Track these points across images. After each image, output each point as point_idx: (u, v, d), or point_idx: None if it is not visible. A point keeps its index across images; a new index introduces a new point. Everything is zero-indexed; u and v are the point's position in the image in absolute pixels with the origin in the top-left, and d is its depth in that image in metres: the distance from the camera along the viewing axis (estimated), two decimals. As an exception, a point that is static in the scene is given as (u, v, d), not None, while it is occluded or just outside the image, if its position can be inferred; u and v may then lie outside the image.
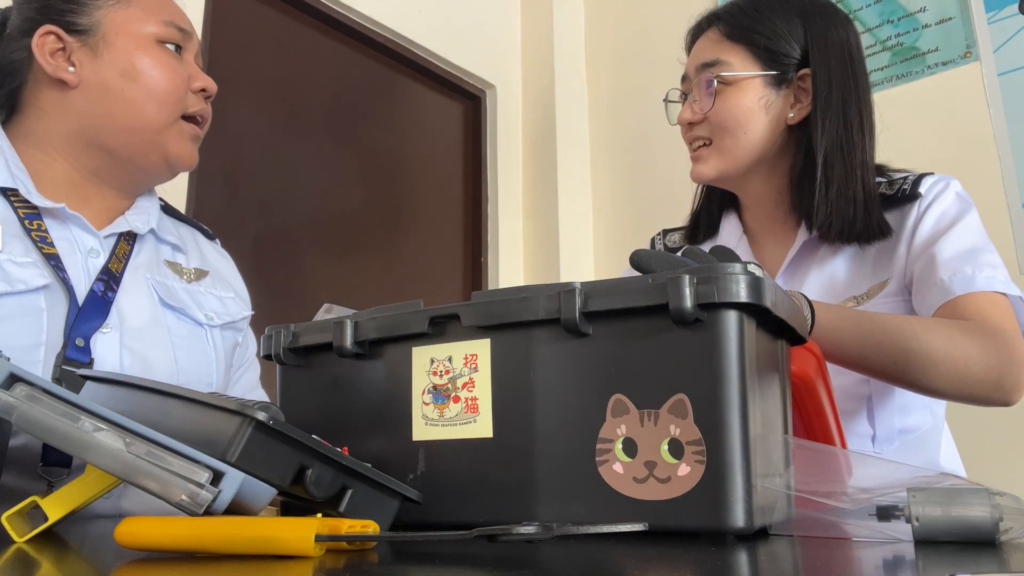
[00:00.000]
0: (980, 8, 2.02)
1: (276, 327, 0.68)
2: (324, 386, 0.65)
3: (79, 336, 0.81)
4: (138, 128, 0.90)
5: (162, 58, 0.91)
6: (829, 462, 0.53)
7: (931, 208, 0.97)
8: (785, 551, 0.45)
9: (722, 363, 0.48)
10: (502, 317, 0.55)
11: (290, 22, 2.12)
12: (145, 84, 0.90)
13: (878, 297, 0.97)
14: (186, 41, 0.95)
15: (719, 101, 0.98)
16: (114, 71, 0.89)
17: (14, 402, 0.48)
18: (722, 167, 1.01)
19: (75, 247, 0.87)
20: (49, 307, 0.81)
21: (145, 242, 0.95)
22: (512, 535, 0.40)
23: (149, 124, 0.91)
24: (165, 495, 0.44)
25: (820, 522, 0.48)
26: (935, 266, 0.93)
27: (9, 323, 0.77)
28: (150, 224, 0.95)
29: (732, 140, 0.99)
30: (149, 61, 0.90)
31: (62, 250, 0.85)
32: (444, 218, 2.43)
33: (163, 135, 0.92)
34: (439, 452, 0.57)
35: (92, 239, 0.89)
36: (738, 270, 0.48)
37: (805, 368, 0.62)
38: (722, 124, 0.99)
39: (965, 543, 0.44)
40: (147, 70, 0.90)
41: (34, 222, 0.84)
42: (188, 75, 0.94)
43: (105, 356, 0.83)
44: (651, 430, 0.49)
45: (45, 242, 0.84)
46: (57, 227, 0.87)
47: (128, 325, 0.86)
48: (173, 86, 0.91)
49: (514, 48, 2.72)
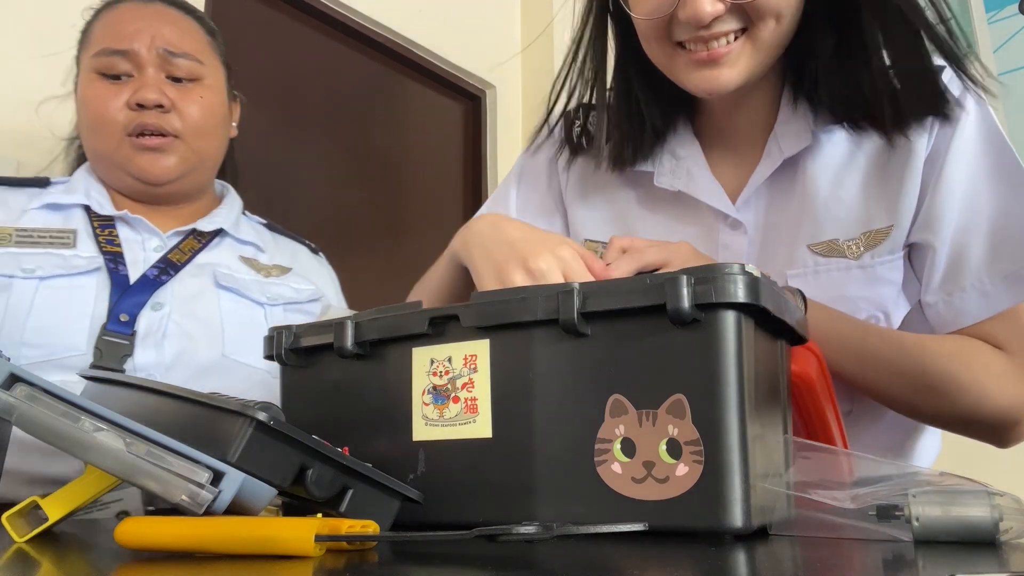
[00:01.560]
0: (980, 8, 2.02)
1: (277, 327, 0.68)
2: (325, 386, 0.65)
3: (123, 312, 0.94)
4: (99, 155, 1.04)
5: (94, 90, 1.02)
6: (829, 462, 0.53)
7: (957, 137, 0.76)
8: (784, 551, 0.45)
9: (720, 363, 0.48)
10: (501, 318, 0.55)
11: (290, 22, 2.12)
12: (85, 117, 1.03)
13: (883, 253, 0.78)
14: (129, 60, 1.02)
15: None
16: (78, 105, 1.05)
17: (14, 402, 0.48)
18: (754, 68, 0.74)
19: (141, 244, 1.02)
20: (98, 288, 0.95)
21: (223, 242, 1.09)
22: (512, 535, 0.40)
23: (100, 152, 1.04)
24: (165, 495, 0.44)
25: (820, 522, 0.48)
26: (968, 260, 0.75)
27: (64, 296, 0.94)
28: (219, 225, 1.09)
29: (776, 28, 0.72)
30: (84, 95, 1.03)
31: (128, 247, 1.01)
32: (444, 218, 2.43)
33: (117, 159, 1.02)
34: (439, 452, 0.57)
35: (156, 238, 1.04)
36: (736, 270, 0.49)
37: (805, 368, 0.62)
38: (765, 9, 0.71)
39: (965, 543, 0.44)
40: (84, 104, 1.03)
41: (105, 229, 1.01)
42: (127, 97, 1.01)
43: (150, 328, 0.95)
44: (649, 430, 0.49)
45: (112, 243, 1.00)
46: (127, 230, 1.03)
47: (179, 302, 0.98)
48: (102, 115, 1.01)
49: (514, 48, 2.72)
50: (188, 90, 1.05)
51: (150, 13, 1.06)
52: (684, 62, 0.75)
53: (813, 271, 0.80)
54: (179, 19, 1.08)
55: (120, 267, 0.98)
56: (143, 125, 1.00)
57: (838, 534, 0.48)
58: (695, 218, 0.86)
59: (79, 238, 0.99)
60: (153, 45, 1.02)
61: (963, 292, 0.77)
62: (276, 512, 0.59)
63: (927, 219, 0.78)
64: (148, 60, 1.02)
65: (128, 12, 1.06)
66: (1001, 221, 0.75)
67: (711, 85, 0.74)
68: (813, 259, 0.80)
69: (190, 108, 1.04)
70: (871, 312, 0.80)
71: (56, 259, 0.96)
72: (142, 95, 1.00)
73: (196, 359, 0.97)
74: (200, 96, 1.05)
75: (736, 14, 0.71)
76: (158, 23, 1.05)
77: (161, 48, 1.03)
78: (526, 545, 0.45)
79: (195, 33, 1.09)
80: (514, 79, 2.69)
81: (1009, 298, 0.75)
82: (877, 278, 0.79)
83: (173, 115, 1.02)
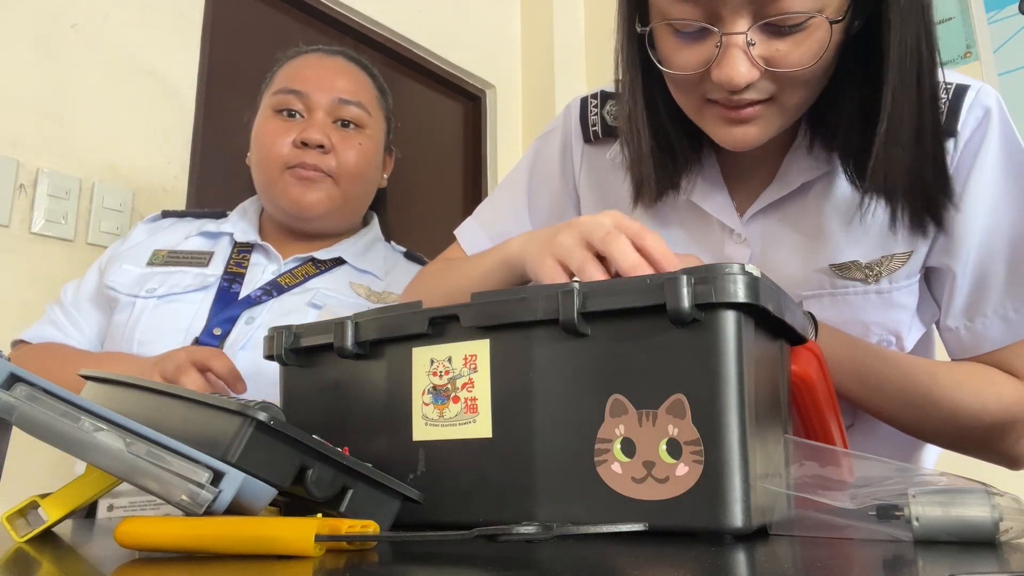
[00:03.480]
0: (980, 8, 2.02)
1: (277, 327, 0.68)
2: (325, 386, 0.65)
3: (216, 326, 1.05)
4: (261, 185, 1.17)
5: (268, 126, 1.14)
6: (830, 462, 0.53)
7: (976, 168, 0.74)
8: (783, 551, 0.45)
9: (720, 363, 0.48)
10: (501, 318, 0.55)
11: (290, 22, 2.12)
12: (256, 149, 1.16)
13: (900, 279, 0.77)
14: (303, 100, 1.13)
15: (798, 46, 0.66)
16: (253, 138, 1.18)
17: (14, 402, 0.48)
18: (780, 127, 0.73)
19: (263, 268, 1.15)
20: (201, 304, 1.07)
21: (339, 269, 1.18)
22: (512, 535, 0.40)
23: (262, 183, 1.16)
24: (165, 495, 0.44)
25: (820, 522, 0.48)
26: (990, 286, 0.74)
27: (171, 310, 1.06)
28: (338, 255, 1.18)
29: (803, 97, 0.71)
30: (258, 129, 1.16)
31: (252, 270, 1.14)
32: (444, 218, 2.43)
33: (274, 190, 1.14)
34: (439, 452, 0.57)
35: (274, 264, 1.16)
36: (736, 270, 0.48)
37: (805, 368, 0.61)
38: (803, 77, 0.68)
39: (965, 543, 0.44)
40: (257, 137, 1.16)
41: (241, 254, 1.16)
42: (294, 135, 1.12)
43: (237, 339, 1.04)
44: (649, 430, 0.49)
45: (240, 265, 1.14)
46: (260, 256, 1.17)
47: (271, 317, 1.07)
48: (271, 148, 1.12)
49: (514, 48, 2.72)
50: (350, 135, 1.15)
51: (331, 64, 1.18)
52: (712, 115, 0.73)
53: (830, 293, 0.79)
54: (355, 73, 1.20)
55: (234, 286, 1.11)
56: (303, 162, 1.12)
57: (838, 534, 0.48)
58: (702, 226, 0.86)
59: (214, 259, 1.14)
60: (328, 91, 1.14)
61: (985, 319, 0.76)
62: (276, 512, 0.59)
63: (947, 243, 0.77)
64: (320, 104, 1.14)
65: (311, 60, 1.19)
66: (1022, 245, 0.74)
67: (736, 142, 0.73)
68: (831, 280, 0.79)
69: (348, 152, 1.14)
70: (883, 336, 0.80)
71: (181, 277, 1.11)
72: (308, 134, 1.11)
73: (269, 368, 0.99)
74: (359, 143, 1.16)
75: (769, 80, 0.69)
76: (336, 74, 1.17)
77: (334, 96, 1.14)
78: (526, 545, 0.45)
79: (367, 87, 1.21)
80: (514, 79, 2.69)
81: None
82: (893, 303, 0.78)
83: (331, 156, 1.13)
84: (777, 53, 0.67)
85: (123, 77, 1.61)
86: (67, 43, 1.54)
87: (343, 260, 1.19)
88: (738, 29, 0.66)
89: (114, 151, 1.58)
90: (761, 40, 0.66)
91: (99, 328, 1.14)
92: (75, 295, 1.17)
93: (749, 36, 0.66)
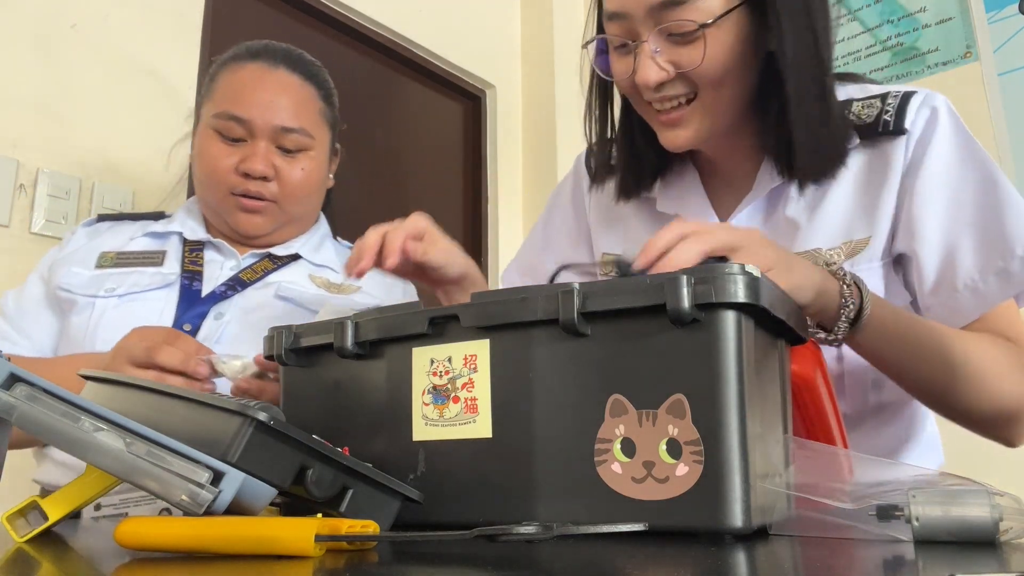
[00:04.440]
0: (980, 8, 2.02)
1: (277, 327, 0.68)
2: (326, 386, 0.65)
3: (186, 322, 1.05)
4: (205, 201, 1.16)
5: (210, 148, 1.11)
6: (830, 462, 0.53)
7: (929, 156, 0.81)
8: (783, 551, 0.45)
9: (720, 363, 0.48)
10: (501, 318, 0.55)
11: (290, 22, 2.12)
12: (199, 167, 1.14)
13: (861, 262, 0.83)
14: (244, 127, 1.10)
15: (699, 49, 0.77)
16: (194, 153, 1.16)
17: (14, 402, 0.48)
18: (707, 126, 0.82)
19: (220, 264, 1.15)
20: (166, 302, 1.07)
21: (297, 264, 1.18)
22: (512, 535, 0.40)
23: (207, 199, 1.15)
24: (165, 495, 0.44)
25: (820, 522, 0.48)
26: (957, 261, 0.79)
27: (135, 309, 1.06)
28: (295, 251, 1.19)
29: (717, 94, 0.80)
30: (200, 148, 1.13)
31: (209, 267, 1.13)
32: (444, 218, 2.42)
33: (219, 208, 1.14)
34: (439, 452, 0.57)
35: (233, 259, 1.16)
36: (736, 270, 0.48)
37: (806, 367, 0.61)
38: (707, 77, 0.79)
39: (965, 543, 0.44)
40: (199, 156, 1.13)
41: (194, 252, 1.15)
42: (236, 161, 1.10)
43: (208, 335, 1.05)
44: (649, 430, 0.49)
45: (195, 263, 1.13)
46: (213, 252, 1.16)
47: (239, 312, 1.08)
48: (214, 171, 1.11)
49: (514, 48, 2.71)
50: (294, 160, 1.14)
51: (273, 82, 1.13)
52: (654, 120, 0.86)
53: None
54: (298, 89, 1.15)
55: (195, 284, 1.10)
56: (246, 191, 1.11)
57: (838, 534, 0.48)
58: None
59: (167, 258, 1.13)
60: (269, 120, 1.10)
61: (957, 293, 0.80)
62: (276, 512, 0.59)
63: (909, 228, 0.82)
64: (262, 132, 1.10)
65: (252, 77, 1.13)
66: (983, 221, 0.79)
67: (671, 143, 0.85)
68: None
69: (292, 177, 1.13)
70: None
71: (139, 277, 1.09)
72: (250, 166, 1.10)
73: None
74: (302, 168, 1.14)
75: (682, 81, 0.80)
76: (278, 95, 1.12)
77: (276, 124, 1.11)
78: (526, 545, 0.45)
79: (310, 104, 1.17)
80: (514, 79, 2.68)
81: (1001, 293, 0.78)
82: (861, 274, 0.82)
83: (274, 183, 1.12)
84: (680, 57, 0.79)
85: (123, 77, 1.61)
86: (67, 43, 1.54)
87: (299, 256, 1.19)
88: (643, 39, 0.79)
89: (114, 151, 1.58)
90: (666, 48, 0.79)
91: (52, 332, 1.12)
92: (18, 304, 1.13)
93: (654, 44, 0.79)
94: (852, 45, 2.19)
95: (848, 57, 2.20)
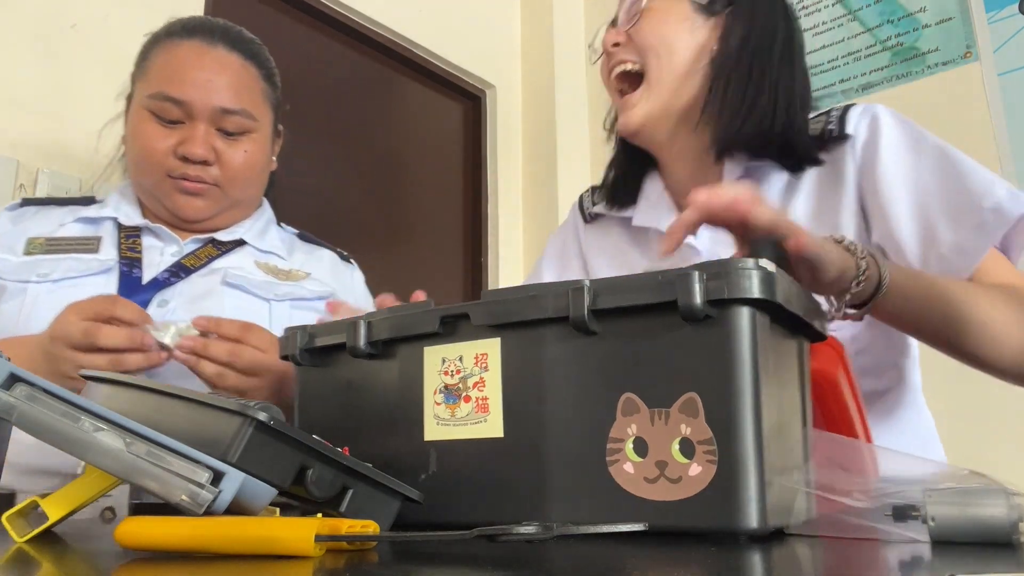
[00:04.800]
0: (980, 8, 2.01)
1: (292, 328, 0.68)
2: (339, 386, 0.65)
3: None
4: (140, 184, 1.11)
5: (144, 129, 1.06)
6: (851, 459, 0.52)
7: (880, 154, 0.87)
8: (797, 553, 0.44)
9: (733, 361, 0.47)
10: (511, 316, 0.54)
11: (290, 22, 2.11)
12: (133, 149, 1.08)
13: None
14: (182, 108, 1.04)
15: (645, 19, 0.94)
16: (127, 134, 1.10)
17: (14, 402, 0.47)
18: (652, 106, 0.93)
19: (160, 251, 1.09)
20: (106, 288, 1.01)
21: (242, 250, 1.13)
22: (512, 535, 0.40)
23: (142, 183, 1.10)
24: (165, 495, 0.44)
25: (838, 522, 0.48)
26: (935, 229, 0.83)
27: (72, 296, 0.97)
28: (239, 236, 1.14)
29: (658, 64, 0.93)
30: (134, 130, 1.07)
31: (148, 253, 1.07)
32: (444, 218, 2.43)
33: (156, 191, 1.08)
34: (451, 452, 0.57)
35: (175, 244, 1.10)
36: (750, 265, 0.48)
37: (827, 365, 0.60)
38: (647, 44, 0.93)
39: (982, 544, 0.43)
40: (133, 138, 1.08)
41: (130, 239, 1.08)
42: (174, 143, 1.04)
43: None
44: (662, 429, 0.49)
45: (133, 250, 1.07)
46: (151, 238, 1.10)
47: (185, 300, 1.03)
48: (149, 155, 1.05)
49: (514, 48, 2.71)
50: (235, 143, 1.08)
51: (211, 61, 1.06)
52: (617, 104, 0.99)
53: None
54: (238, 69, 1.09)
55: (135, 271, 1.04)
56: (185, 174, 1.05)
57: (856, 534, 0.47)
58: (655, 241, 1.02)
59: (103, 244, 1.07)
60: (208, 101, 1.04)
61: (943, 259, 0.83)
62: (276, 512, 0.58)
63: (882, 218, 0.86)
64: (201, 114, 1.04)
65: (189, 56, 1.06)
66: (947, 189, 0.84)
67: (622, 126, 0.97)
68: None
69: (233, 160, 1.08)
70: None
71: (74, 263, 1.03)
72: (190, 149, 1.04)
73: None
74: (245, 150, 1.09)
75: (631, 47, 0.95)
76: (217, 74, 1.06)
77: (216, 106, 1.05)
78: (526, 545, 0.44)
79: (252, 84, 1.11)
80: (514, 79, 2.68)
81: (984, 244, 0.82)
82: None
83: (215, 167, 1.06)
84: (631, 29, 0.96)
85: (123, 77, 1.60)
86: (67, 43, 1.53)
87: (244, 241, 1.14)
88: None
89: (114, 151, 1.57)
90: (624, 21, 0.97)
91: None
92: None
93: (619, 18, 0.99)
94: (852, 45, 2.19)
95: (848, 57, 2.19)
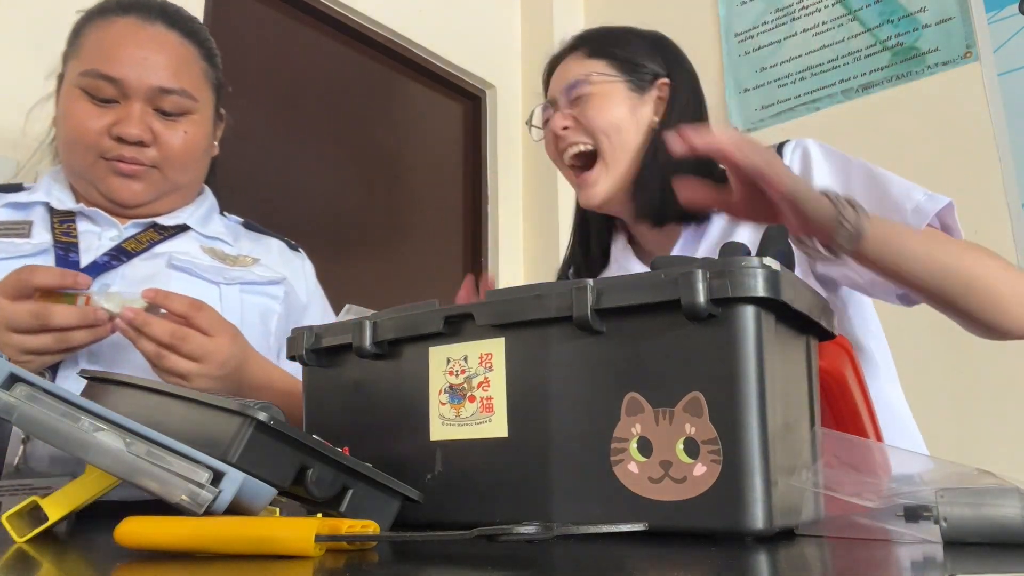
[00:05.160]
0: (980, 8, 2.01)
1: (299, 328, 0.68)
2: (345, 387, 0.65)
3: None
4: (72, 168, 1.05)
5: (76, 109, 1.00)
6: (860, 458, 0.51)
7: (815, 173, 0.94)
8: (801, 553, 0.44)
9: (738, 360, 0.47)
10: (516, 315, 0.54)
11: (290, 22, 2.11)
12: (64, 130, 1.03)
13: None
14: (117, 87, 0.99)
15: (588, 104, 1.03)
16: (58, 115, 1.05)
17: (14, 402, 0.47)
18: (612, 181, 1.03)
19: (98, 235, 1.03)
20: None
21: (186, 235, 1.09)
22: (512, 535, 0.40)
23: (73, 166, 1.04)
24: (165, 495, 0.44)
25: (849, 523, 0.47)
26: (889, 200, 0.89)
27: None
28: (182, 221, 1.09)
29: (610, 143, 1.02)
30: (66, 109, 1.02)
31: (84, 238, 1.02)
32: (444, 218, 2.42)
33: (89, 175, 1.03)
34: (456, 452, 0.57)
35: (113, 228, 1.04)
36: (754, 263, 0.47)
37: (836, 364, 0.60)
38: (596, 126, 1.02)
39: (995, 544, 0.42)
40: (65, 118, 1.02)
41: (64, 224, 1.03)
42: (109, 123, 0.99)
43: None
44: (666, 429, 0.48)
45: (68, 235, 1.01)
46: (87, 223, 1.04)
47: (128, 284, 0.98)
48: (82, 135, 1.00)
49: (514, 48, 2.71)
50: (174, 124, 1.03)
51: (147, 38, 1.01)
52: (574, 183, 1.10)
53: None
54: (177, 47, 1.04)
55: (71, 255, 0.99)
56: (120, 156, 1.00)
57: (867, 535, 0.46)
58: None
59: (35, 229, 1.01)
60: (145, 79, 0.99)
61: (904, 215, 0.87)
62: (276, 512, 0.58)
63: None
64: (137, 93, 0.99)
65: (124, 32, 1.01)
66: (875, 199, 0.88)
67: (587, 203, 1.07)
68: None
69: (172, 142, 1.02)
70: None
71: (5, 245, 0.98)
72: (125, 130, 0.98)
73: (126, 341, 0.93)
74: (184, 131, 1.03)
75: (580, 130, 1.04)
76: (155, 52, 1.01)
77: (153, 84, 1.00)
78: (527, 545, 0.44)
79: (192, 64, 1.06)
80: (514, 79, 2.68)
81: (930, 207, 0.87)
82: None
83: (153, 149, 1.01)
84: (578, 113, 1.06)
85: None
86: (65, 42, 1.53)
87: (187, 227, 1.09)
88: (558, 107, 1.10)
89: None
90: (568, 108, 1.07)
91: None
92: None
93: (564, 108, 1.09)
94: (852, 45, 2.18)
95: (848, 57, 2.19)
